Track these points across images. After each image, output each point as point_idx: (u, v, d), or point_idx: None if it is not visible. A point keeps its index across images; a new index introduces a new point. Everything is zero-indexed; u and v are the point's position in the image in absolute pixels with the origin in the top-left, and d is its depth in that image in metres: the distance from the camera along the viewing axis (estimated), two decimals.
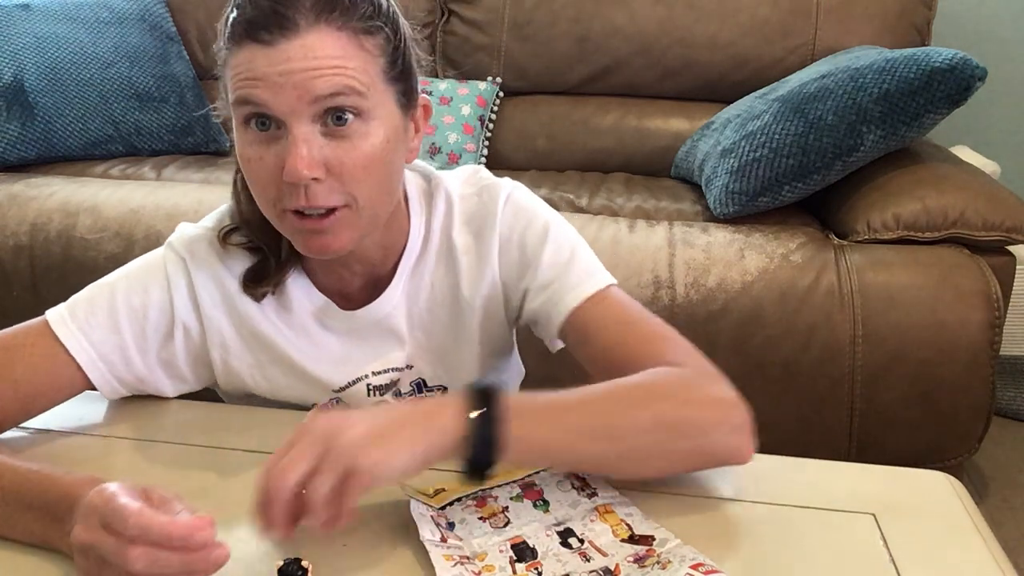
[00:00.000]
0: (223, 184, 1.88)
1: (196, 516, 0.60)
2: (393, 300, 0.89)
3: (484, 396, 0.68)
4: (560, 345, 0.89)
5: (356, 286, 0.89)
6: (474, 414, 0.66)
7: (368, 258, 0.87)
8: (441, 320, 0.91)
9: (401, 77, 0.79)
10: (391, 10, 0.79)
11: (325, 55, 0.73)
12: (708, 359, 0.80)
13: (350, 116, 0.75)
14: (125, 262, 0.89)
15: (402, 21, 0.81)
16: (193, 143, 2.23)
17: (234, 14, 0.75)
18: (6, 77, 2.04)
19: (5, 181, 1.91)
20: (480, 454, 0.66)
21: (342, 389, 0.91)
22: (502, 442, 0.66)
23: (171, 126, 2.20)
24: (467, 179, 0.92)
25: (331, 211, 0.77)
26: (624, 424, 0.72)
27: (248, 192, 0.83)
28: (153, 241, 1.65)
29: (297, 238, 0.80)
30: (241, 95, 0.74)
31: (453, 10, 2.31)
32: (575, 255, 0.88)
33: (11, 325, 0.85)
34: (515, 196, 0.90)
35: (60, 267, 1.73)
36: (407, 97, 0.81)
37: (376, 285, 0.89)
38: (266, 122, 0.75)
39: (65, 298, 0.86)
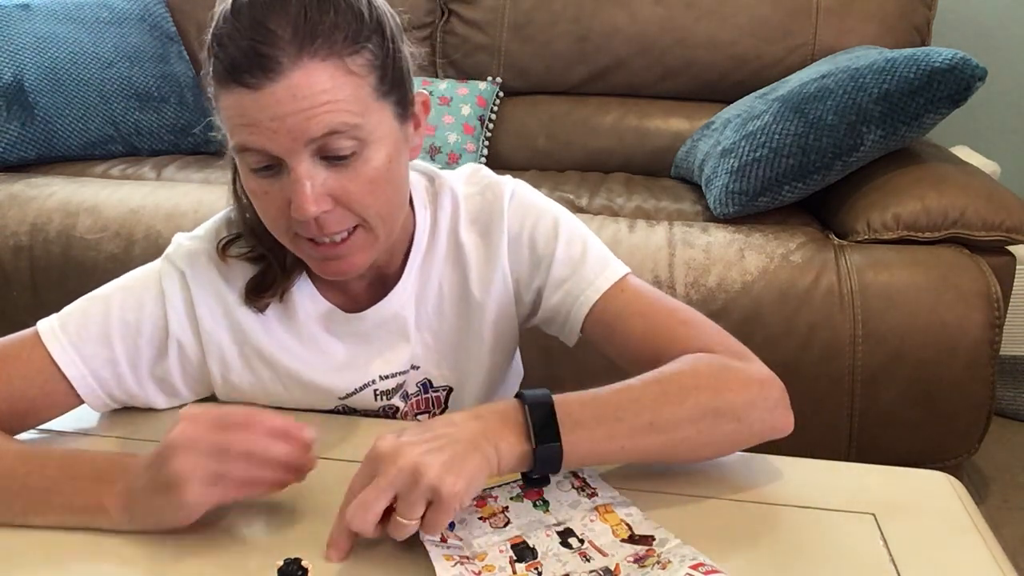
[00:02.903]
0: (223, 184, 1.83)
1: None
2: (401, 299, 0.88)
3: (540, 410, 0.70)
4: (576, 339, 0.89)
5: (362, 287, 0.88)
6: (534, 442, 0.69)
7: (375, 261, 0.85)
8: (449, 321, 0.90)
9: (394, 87, 0.76)
10: (375, 15, 0.75)
11: (312, 92, 0.70)
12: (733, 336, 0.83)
13: (348, 147, 0.73)
14: (125, 262, 0.88)
15: (388, 21, 0.76)
16: (193, 143, 2.23)
17: (216, 49, 0.71)
18: (6, 77, 2.04)
19: (5, 181, 1.91)
20: (543, 470, 0.71)
21: (349, 395, 0.90)
22: (564, 459, 0.70)
23: (171, 126, 2.20)
24: (469, 178, 0.92)
25: (346, 234, 0.76)
26: (669, 418, 0.73)
27: None
28: (153, 241, 1.65)
29: (313, 263, 0.80)
30: (239, 142, 0.73)
31: (453, 10, 2.31)
32: (587, 248, 0.87)
33: (11, 325, 0.85)
34: (519, 192, 0.90)
35: (60, 267, 1.73)
36: (402, 106, 0.78)
37: (383, 284, 0.88)
38: (269, 164, 0.73)
39: (65, 299, 0.85)
